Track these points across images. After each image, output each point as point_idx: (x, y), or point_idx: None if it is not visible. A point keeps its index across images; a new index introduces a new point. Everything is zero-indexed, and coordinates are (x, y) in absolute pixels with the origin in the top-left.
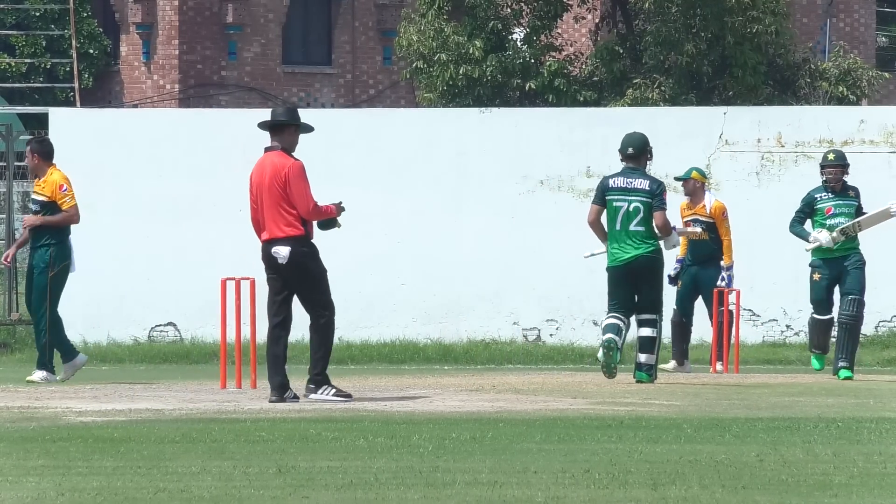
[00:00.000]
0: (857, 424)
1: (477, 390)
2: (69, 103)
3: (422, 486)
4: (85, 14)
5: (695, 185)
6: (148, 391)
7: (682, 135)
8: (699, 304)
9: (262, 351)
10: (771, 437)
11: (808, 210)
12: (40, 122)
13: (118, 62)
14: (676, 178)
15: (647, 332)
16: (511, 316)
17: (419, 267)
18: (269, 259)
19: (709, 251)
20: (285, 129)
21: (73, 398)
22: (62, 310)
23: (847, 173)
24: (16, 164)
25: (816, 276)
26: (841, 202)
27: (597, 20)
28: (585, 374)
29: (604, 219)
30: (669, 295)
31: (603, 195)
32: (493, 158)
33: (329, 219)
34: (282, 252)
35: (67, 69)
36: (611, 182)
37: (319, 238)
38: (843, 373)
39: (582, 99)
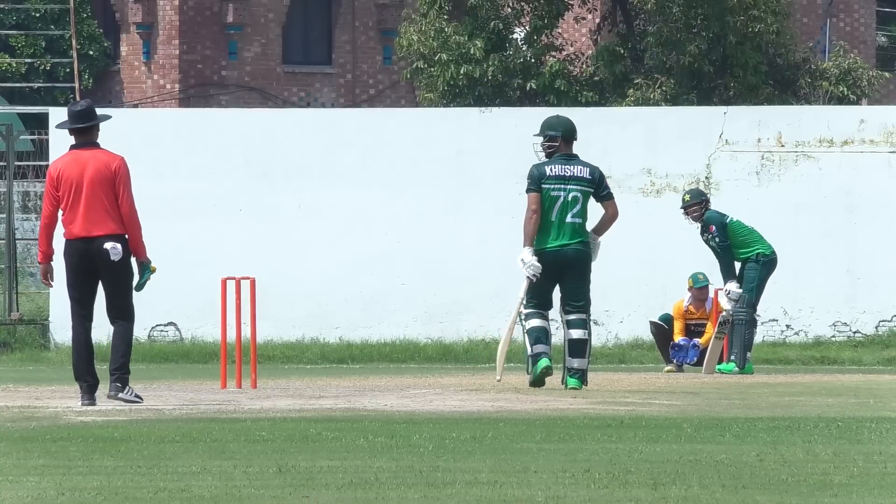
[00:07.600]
0: (857, 424)
1: (477, 390)
2: (69, 103)
3: (422, 485)
4: (85, 14)
5: None
6: (148, 391)
7: (683, 135)
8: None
9: (263, 350)
10: (771, 437)
11: None
12: (40, 122)
13: (118, 62)
14: None
15: None
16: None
17: (419, 267)
18: (97, 253)
19: None
20: (96, 127)
21: (73, 398)
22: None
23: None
24: (16, 163)
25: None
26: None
27: (597, 20)
28: None
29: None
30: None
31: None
32: (493, 158)
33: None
34: (118, 248)
35: (67, 69)
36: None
37: (317, 236)
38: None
39: (583, 100)
